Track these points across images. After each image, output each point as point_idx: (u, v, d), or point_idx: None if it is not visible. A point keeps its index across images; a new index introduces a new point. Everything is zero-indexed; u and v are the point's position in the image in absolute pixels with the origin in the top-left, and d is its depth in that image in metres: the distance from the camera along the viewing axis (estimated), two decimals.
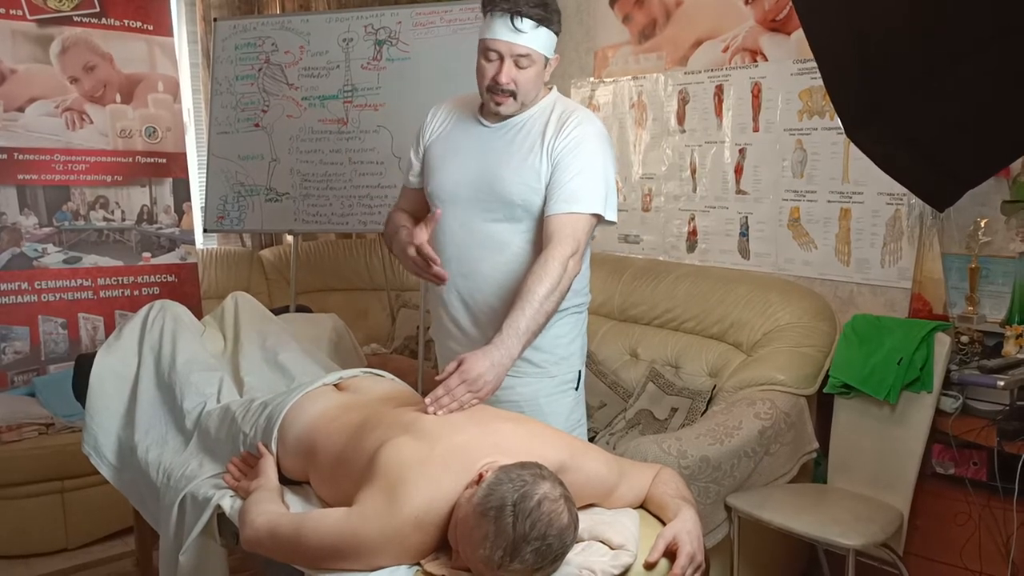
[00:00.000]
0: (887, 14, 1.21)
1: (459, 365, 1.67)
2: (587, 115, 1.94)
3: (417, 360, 3.64)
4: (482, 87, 1.91)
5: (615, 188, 1.93)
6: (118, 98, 3.61)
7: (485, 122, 1.98)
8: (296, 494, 1.73)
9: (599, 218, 1.87)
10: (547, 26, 1.86)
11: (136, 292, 3.65)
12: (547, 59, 1.90)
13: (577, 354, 2.02)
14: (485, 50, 1.87)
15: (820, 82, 2.11)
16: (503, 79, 1.85)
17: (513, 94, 1.87)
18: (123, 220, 3.65)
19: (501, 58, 1.85)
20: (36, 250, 3.46)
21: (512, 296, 1.82)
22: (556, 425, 1.93)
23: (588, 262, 2.01)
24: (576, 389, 2.03)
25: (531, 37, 1.83)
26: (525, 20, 1.81)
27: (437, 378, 1.70)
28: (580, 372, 2.04)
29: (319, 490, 1.71)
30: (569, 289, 1.82)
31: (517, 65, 1.85)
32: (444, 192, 1.99)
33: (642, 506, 1.61)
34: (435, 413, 1.61)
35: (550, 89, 2.01)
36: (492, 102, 1.90)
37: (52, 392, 3.25)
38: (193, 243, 3.83)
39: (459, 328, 2.01)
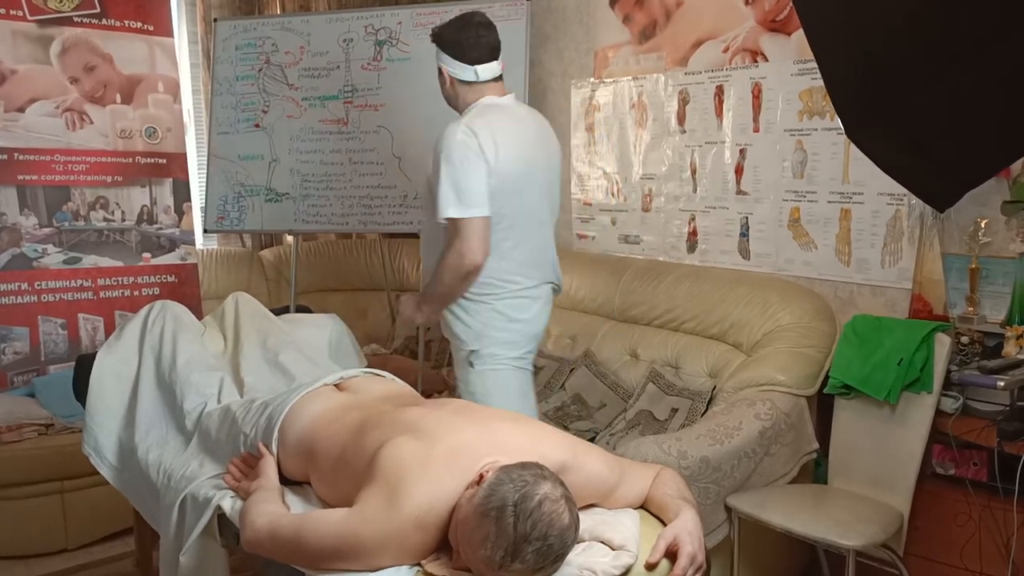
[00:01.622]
0: (888, 14, 1.21)
1: None
2: (446, 130, 2.21)
3: (417, 360, 3.64)
4: None
5: (469, 183, 2.15)
6: (118, 98, 3.61)
7: None
8: (296, 494, 1.73)
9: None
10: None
11: (136, 292, 3.65)
12: (439, 67, 2.35)
13: (468, 338, 2.29)
14: None
15: (820, 82, 2.10)
16: None
17: None
18: (123, 220, 3.65)
19: None
20: (36, 250, 3.46)
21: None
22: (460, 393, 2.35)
23: (491, 259, 2.21)
24: (472, 366, 2.30)
25: None
26: None
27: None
28: (473, 352, 2.29)
29: (319, 490, 1.71)
30: (453, 277, 2.18)
31: None
32: None
33: (643, 506, 1.61)
34: None
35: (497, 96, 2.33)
36: None
37: (52, 392, 3.25)
38: (193, 243, 3.83)
39: None
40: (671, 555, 1.45)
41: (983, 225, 2.54)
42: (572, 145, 3.90)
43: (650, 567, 1.43)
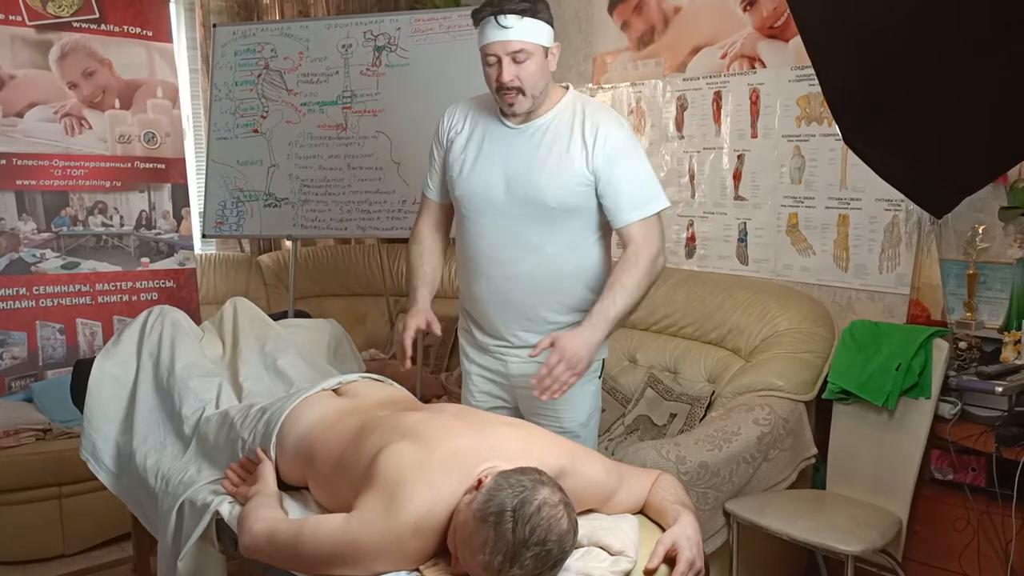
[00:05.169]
0: (885, 21, 1.22)
1: (552, 343, 1.81)
2: (612, 118, 2.02)
3: (416, 365, 3.64)
4: (492, 92, 1.98)
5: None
6: (117, 103, 3.61)
7: (509, 124, 2.02)
8: (295, 500, 1.73)
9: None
10: (532, 16, 1.90)
11: (134, 297, 3.64)
12: (545, 48, 1.95)
13: (604, 343, 2.05)
14: (485, 56, 1.94)
15: (818, 89, 2.11)
16: (506, 78, 1.90)
17: (520, 90, 1.93)
18: (122, 225, 3.65)
19: (499, 59, 1.91)
20: (34, 255, 3.46)
21: (549, 295, 2.00)
22: (580, 410, 2.05)
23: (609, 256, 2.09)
24: (599, 377, 2.13)
25: (519, 31, 1.89)
26: (509, 16, 1.87)
27: (530, 354, 1.87)
28: (603, 361, 2.12)
29: (318, 495, 1.71)
30: (653, 283, 1.96)
31: (515, 61, 1.90)
32: (476, 197, 2.03)
33: (641, 512, 1.61)
34: (543, 398, 1.78)
35: (566, 89, 2.06)
36: (504, 103, 1.95)
37: (49, 397, 3.24)
38: (192, 248, 3.82)
39: (491, 325, 2.09)
40: (670, 560, 1.45)
41: (981, 231, 2.54)
42: None
43: (649, 573, 1.43)
